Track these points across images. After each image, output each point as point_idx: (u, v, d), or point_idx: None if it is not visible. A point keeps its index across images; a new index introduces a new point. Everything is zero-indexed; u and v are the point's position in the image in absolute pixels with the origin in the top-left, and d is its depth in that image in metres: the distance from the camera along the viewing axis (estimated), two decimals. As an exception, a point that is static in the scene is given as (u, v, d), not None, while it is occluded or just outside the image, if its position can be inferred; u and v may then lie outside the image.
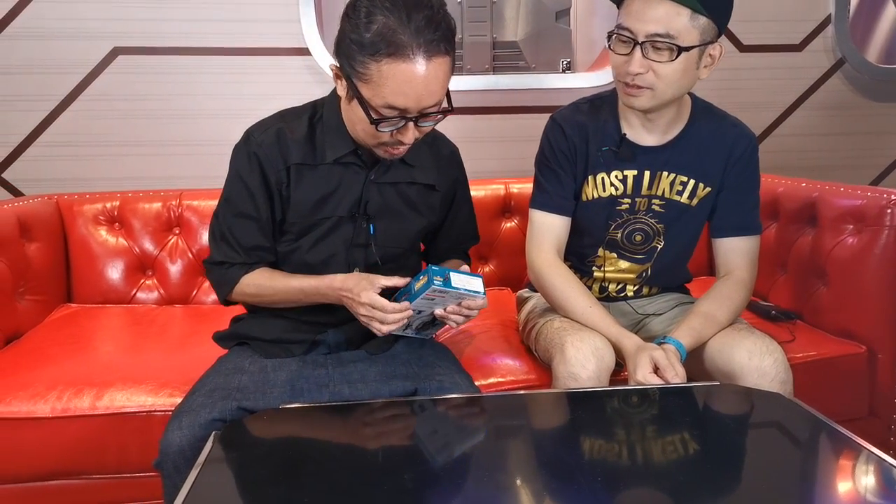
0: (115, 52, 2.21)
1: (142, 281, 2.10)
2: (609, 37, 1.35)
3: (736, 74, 2.48)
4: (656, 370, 1.27)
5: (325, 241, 1.32)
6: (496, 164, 2.34)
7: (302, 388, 1.23)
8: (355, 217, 1.31)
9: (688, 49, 1.28)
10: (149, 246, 2.09)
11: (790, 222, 1.92)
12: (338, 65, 1.17)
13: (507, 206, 2.20)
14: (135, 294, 2.09)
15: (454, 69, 1.18)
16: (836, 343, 1.69)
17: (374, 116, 1.14)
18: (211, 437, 1.01)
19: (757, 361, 1.31)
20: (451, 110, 1.19)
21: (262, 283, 1.31)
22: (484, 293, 1.21)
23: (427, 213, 1.39)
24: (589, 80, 2.37)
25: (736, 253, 1.49)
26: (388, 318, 1.20)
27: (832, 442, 1.03)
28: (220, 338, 1.43)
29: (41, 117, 2.22)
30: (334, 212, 1.30)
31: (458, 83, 2.37)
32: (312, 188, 1.29)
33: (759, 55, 2.49)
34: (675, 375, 1.25)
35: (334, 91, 1.28)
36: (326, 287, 1.26)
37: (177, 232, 2.11)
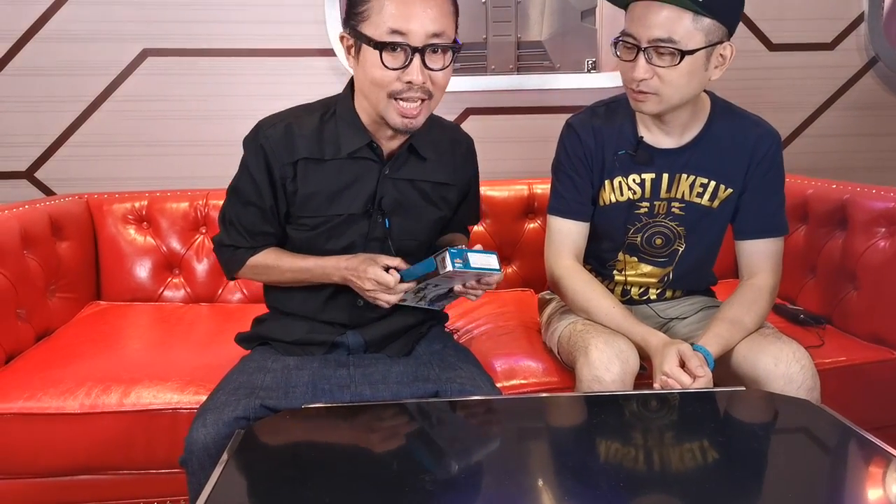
0: (145, 54, 2.25)
1: (169, 279, 2.13)
2: (615, 44, 1.34)
3: (765, 74, 2.44)
4: (683, 365, 1.26)
5: (341, 234, 1.32)
6: (520, 165, 2.33)
7: (324, 388, 1.24)
8: (370, 212, 1.31)
9: (691, 52, 1.26)
10: (176, 245, 2.12)
11: (820, 225, 1.88)
12: (346, 31, 1.20)
13: (530, 207, 2.19)
14: (162, 292, 2.12)
15: (457, 10, 1.20)
16: (867, 349, 1.66)
17: (379, 43, 1.14)
18: (234, 436, 1.02)
19: (783, 368, 1.28)
20: (458, 46, 1.19)
21: (269, 263, 1.34)
22: (500, 268, 1.23)
23: (444, 207, 1.39)
24: (615, 80, 2.33)
25: (760, 255, 1.46)
26: (391, 298, 1.24)
27: (861, 450, 1.01)
28: (242, 339, 1.44)
29: (72, 118, 2.26)
30: (348, 208, 1.30)
31: (482, 83, 2.37)
32: (322, 183, 1.29)
33: (789, 54, 2.45)
34: (700, 366, 1.23)
35: (347, 87, 1.30)
36: (332, 267, 1.28)
37: (203, 231, 2.14)
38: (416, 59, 1.15)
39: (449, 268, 1.15)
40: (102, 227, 2.10)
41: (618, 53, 1.34)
